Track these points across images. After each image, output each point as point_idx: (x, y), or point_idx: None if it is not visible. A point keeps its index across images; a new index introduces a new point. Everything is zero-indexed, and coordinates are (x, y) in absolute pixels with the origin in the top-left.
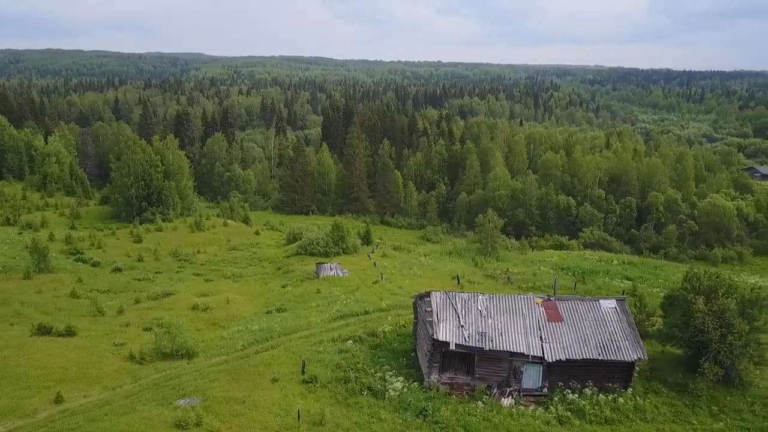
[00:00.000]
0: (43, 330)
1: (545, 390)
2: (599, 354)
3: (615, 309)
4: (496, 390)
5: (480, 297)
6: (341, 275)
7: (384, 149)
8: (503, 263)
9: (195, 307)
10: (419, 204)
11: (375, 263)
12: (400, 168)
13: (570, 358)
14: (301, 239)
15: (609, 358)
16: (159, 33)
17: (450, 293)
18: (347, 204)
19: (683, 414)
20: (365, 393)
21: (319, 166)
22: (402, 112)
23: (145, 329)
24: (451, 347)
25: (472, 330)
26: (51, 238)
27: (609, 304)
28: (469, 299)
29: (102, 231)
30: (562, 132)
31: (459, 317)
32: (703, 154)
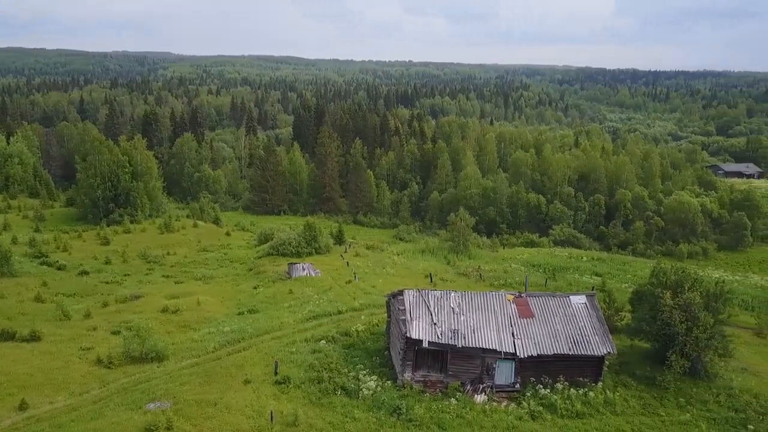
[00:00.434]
0: (6, 336)
1: (517, 386)
2: (570, 349)
3: (585, 304)
4: (469, 387)
5: (452, 294)
6: (314, 275)
7: (356, 148)
8: (475, 261)
9: (165, 310)
10: (392, 203)
11: (348, 263)
12: (372, 167)
13: (541, 353)
14: (273, 240)
15: (579, 352)
16: (125, 32)
17: (423, 291)
18: (319, 204)
19: (651, 406)
20: (339, 393)
21: (291, 165)
22: (374, 111)
23: (114, 333)
24: (424, 345)
25: (444, 327)
26: (14, 241)
27: (579, 299)
28: (442, 297)
29: (68, 233)
30: (531, 131)
31: (432, 315)
32: (669, 152)
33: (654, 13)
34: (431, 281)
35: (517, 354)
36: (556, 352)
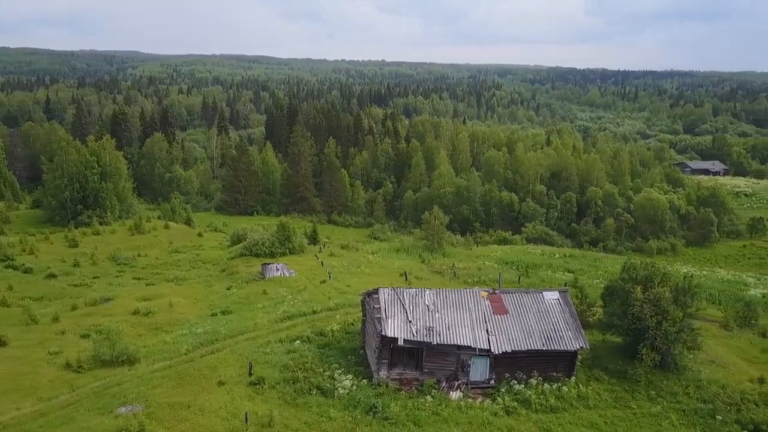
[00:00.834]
0: None
1: (492, 382)
2: (543, 344)
3: (558, 300)
4: (444, 384)
5: (427, 292)
6: (288, 276)
7: (330, 148)
8: (449, 259)
9: (136, 312)
10: (366, 202)
11: (322, 262)
12: (346, 167)
13: (516, 349)
14: (246, 240)
15: (553, 348)
16: (93, 30)
17: (398, 289)
18: (293, 204)
19: (623, 399)
20: (314, 392)
21: (264, 165)
22: (347, 110)
23: (83, 336)
24: (400, 343)
25: (419, 325)
26: None
27: (552, 296)
28: (417, 295)
29: (34, 236)
30: (504, 130)
31: (407, 313)
32: (638, 150)
33: (622, 15)
34: (406, 279)
35: (492, 350)
36: (530, 347)
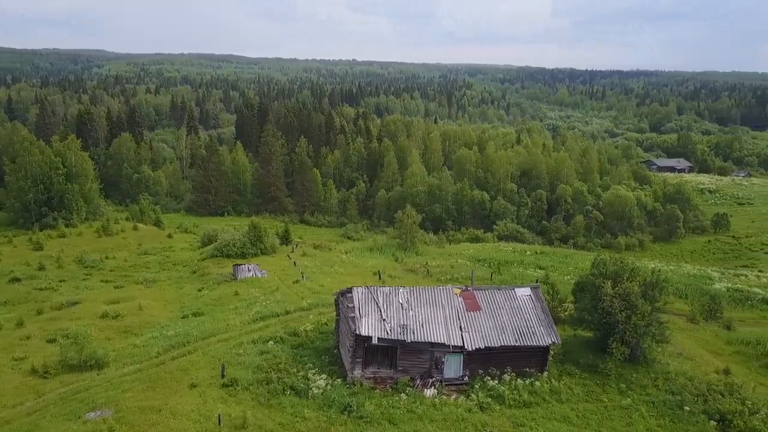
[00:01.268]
0: None
1: (466, 378)
2: (516, 340)
3: (530, 296)
4: (418, 381)
5: (401, 290)
6: (260, 276)
7: (301, 147)
8: (422, 257)
9: (104, 315)
10: (339, 202)
11: (295, 262)
12: (318, 166)
13: (489, 345)
14: (217, 241)
15: (525, 343)
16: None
17: (372, 288)
18: (264, 204)
19: (595, 393)
20: (288, 393)
21: (234, 165)
22: (318, 110)
23: (49, 341)
24: (374, 341)
25: (393, 323)
26: None
27: (524, 292)
28: (391, 293)
29: None
30: (475, 129)
31: (381, 311)
32: (606, 148)
33: (589, 15)
34: (380, 278)
35: (465, 347)
36: (503, 344)
